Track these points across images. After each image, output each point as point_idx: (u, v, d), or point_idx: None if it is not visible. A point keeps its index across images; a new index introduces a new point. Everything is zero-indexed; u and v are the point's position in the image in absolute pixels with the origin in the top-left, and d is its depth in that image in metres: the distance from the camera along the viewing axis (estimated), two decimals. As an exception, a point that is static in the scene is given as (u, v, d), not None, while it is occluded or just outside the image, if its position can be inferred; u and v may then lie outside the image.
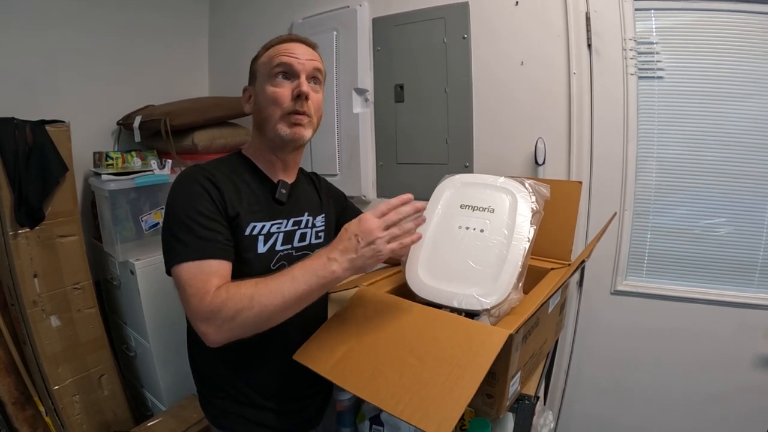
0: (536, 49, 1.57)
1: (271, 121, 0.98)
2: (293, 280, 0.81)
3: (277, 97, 0.97)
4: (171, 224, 0.89)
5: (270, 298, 0.79)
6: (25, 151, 1.54)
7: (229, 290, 0.81)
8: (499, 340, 0.80)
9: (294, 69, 0.98)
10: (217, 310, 0.79)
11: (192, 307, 0.82)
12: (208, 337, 0.81)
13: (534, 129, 1.58)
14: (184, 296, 0.83)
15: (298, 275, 0.81)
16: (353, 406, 1.25)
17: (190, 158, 1.88)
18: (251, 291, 0.80)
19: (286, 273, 0.82)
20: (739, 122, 1.44)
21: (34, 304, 1.61)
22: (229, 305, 0.79)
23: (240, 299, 0.79)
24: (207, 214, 0.90)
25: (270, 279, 0.81)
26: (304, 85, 0.97)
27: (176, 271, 0.85)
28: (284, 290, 0.80)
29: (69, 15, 1.88)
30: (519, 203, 1.06)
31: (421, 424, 0.69)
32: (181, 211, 0.89)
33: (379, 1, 1.84)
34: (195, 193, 0.91)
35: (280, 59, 0.98)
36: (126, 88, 2.09)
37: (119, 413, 1.86)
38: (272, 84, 0.98)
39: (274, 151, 1.05)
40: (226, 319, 0.79)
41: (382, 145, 1.91)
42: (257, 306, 0.79)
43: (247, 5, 2.27)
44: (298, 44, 1.02)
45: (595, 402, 1.71)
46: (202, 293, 0.81)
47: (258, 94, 1.01)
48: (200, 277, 0.83)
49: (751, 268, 1.47)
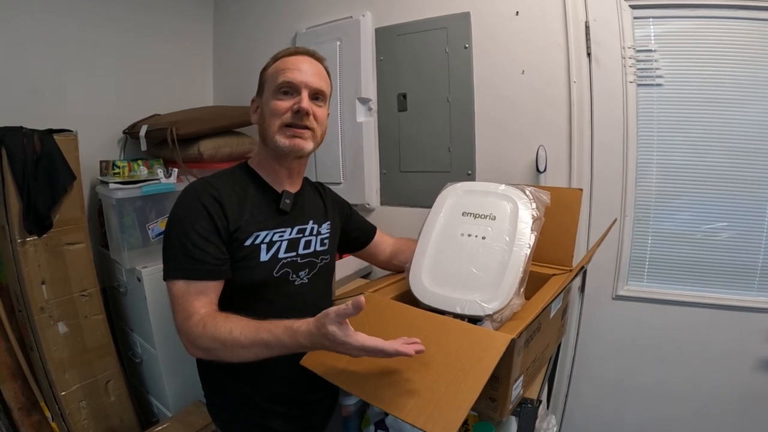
0: (537, 58, 1.59)
1: (270, 132, 1.02)
2: (266, 345, 0.82)
3: (277, 109, 1.00)
4: (170, 237, 0.96)
5: (238, 351, 0.83)
6: (33, 159, 1.56)
7: (206, 327, 0.85)
8: (502, 345, 0.81)
9: (296, 87, 1.01)
10: (194, 337, 0.87)
11: (177, 322, 0.90)
12: (188, 351, 0.90)
13: (535, 137, 1.60)
14: (173, 309, 0.92)
15: (272, 343, 0.81)
16: (358, 412, 1.26)
17: (196, 167, 1.90)
18: (224, 337, 0.83)
19: (263, 332, 0.82)
20: (738, 128, 1.45)
21: (41, 311, 1.63)
22: (203, 341, 0.85)
23: (212, 341, 0.84)
24: (202, 233, 0.93)
25: (247, 330, 0.83)
26: (304, 101, 1.00)
27: (168, 284, 0.93)
28: (257, 352, 0.83)
29: (76, 26, 1.90)
30: (520, 210, 1.08)
31: (426, 427, 0.71)
32: (179, 226, 0.94)
33: (382, 12, 1.86)
34: (195, 210, 0.95)
35: (284, 77, 1.00)
36: (132, 98, 2.12)
37: (125, 419, 1.87)
38: (275, 98, 1.01)
39: (277, 161, 1.07)
40: (199, 348, 0.87)
41: (386, 154, 1.93)
42: (228, 351, 0.84)
43: (251, 15, 2.30)
44: (305, 58, 1.05)
45: (598, 406, 1.71)
46: (186, 315, 0.89)
47: (263, 106, 1.05)
48: (186, 297, 0.91)
49: (751, 272, 1.48)
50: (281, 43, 2.15)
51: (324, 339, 0.76)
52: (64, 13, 1.87)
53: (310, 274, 1.08)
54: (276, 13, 2.20)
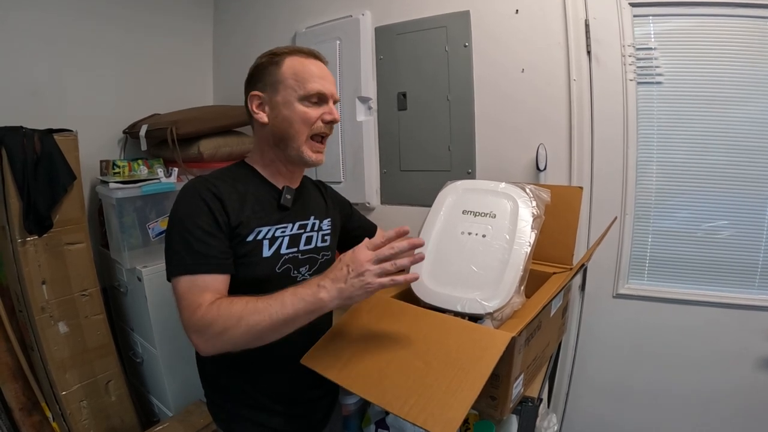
0: (536, 56, 1.59)
1: (298, 140, 1.01)
2: (282, 305, 0.83)
3: (309, 118, 1.00)
4: (172, 235, 0.94)
5: (257, 320, 0.82)
6: (33, 159, 1.56)
7: (220, 308, 0.84)
8: (502, 343, 0.81)
9: (326, 97, 1.02)
10: (207, 325, 0.83)
11: (185, 319, 0.87)
12: (199, 348, 0.86)
13: (535, 135, 1.60)
14: (179, 307, 0.88)
15: (287, 300, 0.83)
16: (359, 411, 1.26)
17: (196, 166, 1.90)
18: (240, 311, 0.83)
19: (277, 296, 0.84)
20: (738, 126, 1.45)
21: (42, 311, 1.63)
22: (218, 322, 0.83)
23: (228, 318, 0.82)
24: (205, 228, 0.92)
25: (261, 300, 0.84)
26: (336, 113, 1.03)
27: (173, 283, 0.90)
28: (272, 313, 0.82)
29: (75, 26, 1.91)
30: (520, 208, 1.08)
31: (426, 426, 0.71)
32: (180, 224, 0.93)
33: (382, 11, 1.86)
34: (195, 206, 0.94)
35: (317, 86, 1.00)
36: (132, 97, 2.12)
37: (126, 419, 1.88)
38: (305, 105, 1.00)
39: (286, 165, 1.07)
40: (214, 334, 0.83)
41: (386, 153, 1.93)
42: (244, 326, 0.82)
43: (250, 14, 2.30)
44: (324, 66, 1.05)
45: (598, 404, 1.71)
46: (194, 307, 0.85)
47: (281, 107, 1.01)
48: (194, 291, 0.88)
49: (751, 270, 1.48)
50: (281, 42, 2.14)
51: (341, 266, 0.84)
52: (64, 12, 1.87)
53: (311, 270, 1.08)
54: (275, 13, 2.20)
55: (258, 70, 1.05)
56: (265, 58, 1.04)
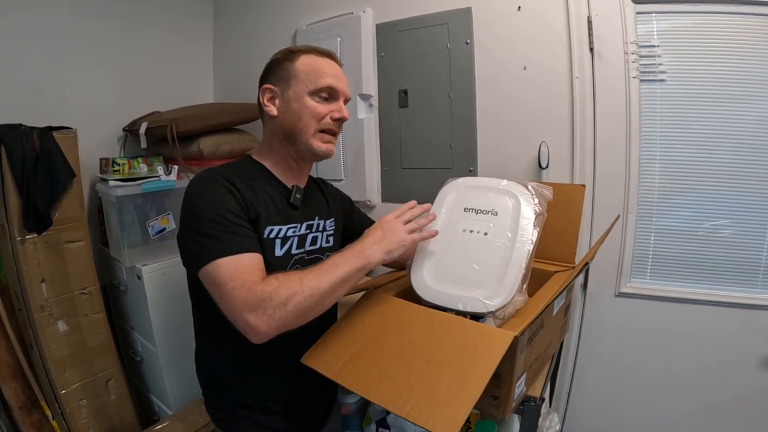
0: (539, 53, 1.58)
1: (306, 133, 1.01)
2: (335, 266, 0.87)
3: (318, 112, 1.01)
4: (197, 225, 0.88)
5: (318, 282, 0.84)
6: (32, 157, 1.56)
7: (278, 278, 0.83)
8: (504, 342, 0.80)
9: (337, 94, 1.04)
10: (268, 298, 0.79)
11: (239, 299, 0.80)
12: (258, 329, 0.79)
13: (537, 133, 1.59)
14: (226, 290, 0.81)
15: (339, 262, 0.88)
16: (359, 410, 1.26)
17: (196, 164, 1.90)
18: (300, 275, 0.84)
19: (325, 263, 0.88)
20: (741, 124, 1.44)
21: (41, 309, 1.62)
22: (281, 291, 0.80)
23: (291, 284, 0.81)
24: (235, 211, 0.91)
25: (311, 268, 0.87)
26: (345, 111, 1.05)
27: (213, 268, 0.83)
28: (330, 274, 0.85)
29: (74, 24, 1.90)
30: (522, 206, 1.06)
31: (428, 426, 0.70)
32: (208, 210, 0.89)
33: (383, 8, 1.85)
34: (219, 192, 0.92)
35: (329, 82, 1.01)
36: (132, 95, 2.12)
37: (126, 418, 1.87)
38: (314, 100, 1.01)
39: (296, 160, 1.07)
40: (278, 305, 0.79)
41: (387, 150, 1.92)
42: (307, 289, 0.82)
43: (251, 11, 2.29)
44: (338, 67, 1.07)
45: (601, 404, 1.71)
46: (250, 284, 0.81)
47: (292, 101, 1.01)
48: (243, 270, 0.83)
49: (754, 269, 1.47)
50: (281, 40, 2.14)
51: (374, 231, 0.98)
52: (64, 9, 1.86)
53: None
54: (276, 10, 2.19)
55: (273, 65, 1.06)
56: (281, 54, 1.05)
